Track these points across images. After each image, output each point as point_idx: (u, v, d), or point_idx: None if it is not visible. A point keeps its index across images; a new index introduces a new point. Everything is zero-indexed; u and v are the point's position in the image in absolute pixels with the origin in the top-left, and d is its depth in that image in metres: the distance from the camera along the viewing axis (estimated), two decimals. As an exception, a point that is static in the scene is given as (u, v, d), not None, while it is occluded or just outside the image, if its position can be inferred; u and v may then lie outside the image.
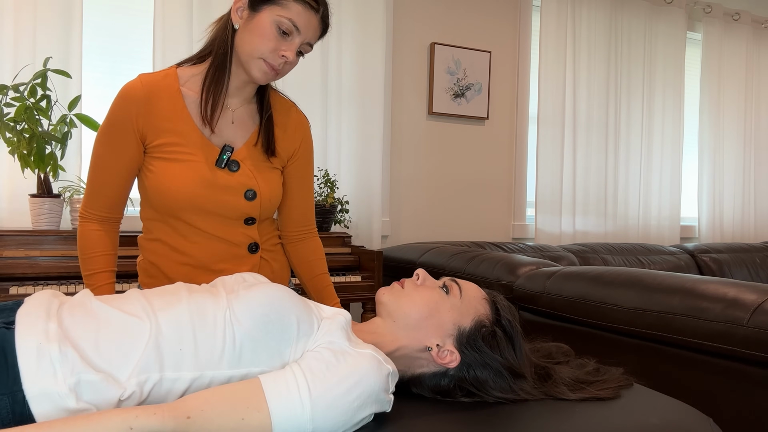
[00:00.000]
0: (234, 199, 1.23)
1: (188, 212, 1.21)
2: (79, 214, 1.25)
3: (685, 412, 0.98)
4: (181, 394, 0.79)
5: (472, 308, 1.01)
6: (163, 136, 1.20)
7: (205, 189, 1.20)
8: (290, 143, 1.33)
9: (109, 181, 1.22)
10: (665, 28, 3.62)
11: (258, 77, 1.19)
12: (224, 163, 1.21)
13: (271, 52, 1.15)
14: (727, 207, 3.86)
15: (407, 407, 0.93)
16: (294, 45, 1.16)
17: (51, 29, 2.17)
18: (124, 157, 1.20)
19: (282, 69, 1.19)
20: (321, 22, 1.19)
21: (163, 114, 1.20)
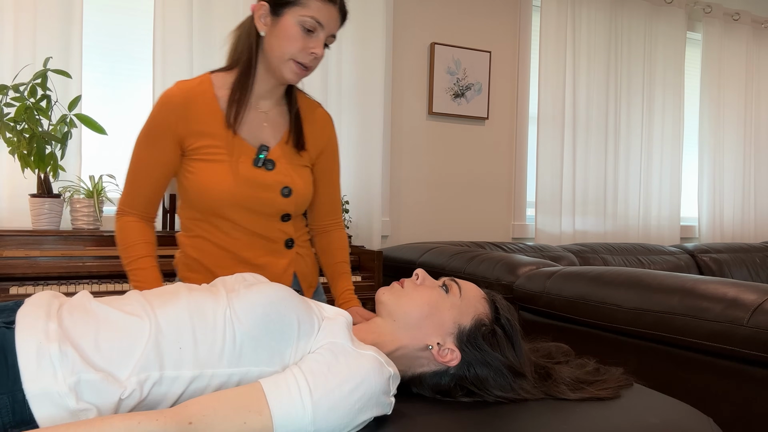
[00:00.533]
0: (271, 196, 1.28)
1: (229, 210, 1.26)
2: (117, 210, 1.30)
3: (685, 412, 0.98)
4: (181, 392, 0.79)
5: (472, 307, 1.01)
6: (202, 139, 1.25)
7: (244, 187, 1.25)
8: (318, 140, 1.38)
9: (148, 182, 1.28)
10: (665, 28, 3.62)
11: (290, 78, 1.24)
12: (261, 162, 1.27)
13: (300, 52, 1.21)
14: (727, 207, 3.86)
15: (407, 407, 0.93)
16: (320, 40, 1.22)
17: (51, 29, 2.17)
18: (163, 161, 1.26)
19: (314, 64, 1.25)
20: (340, 12, 1.24)
21: (201, 119, 1.25)
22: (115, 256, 1.89)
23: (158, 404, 0.78)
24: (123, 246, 1.28)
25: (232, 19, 2.45)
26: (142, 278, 1.25)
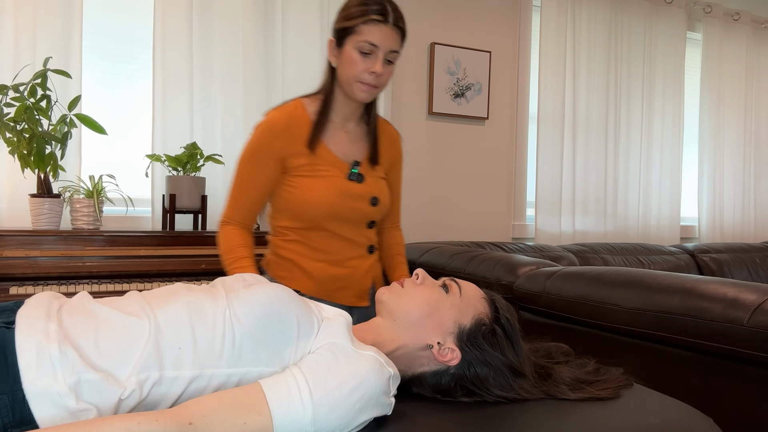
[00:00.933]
0: (362, 206, 1.46)
1: (326, 218, 1.42)
2: (221, 221, 1.46)
3: (685, 412, 0.98)
4: (180, 392, 0.79)
5: (472, 306, 1.01)
6: (302, 158, 1.42)
7: (340, 198, 1.42)
8: (391, 154, 1.59)
9: (251, 197, 1.43)
10: (665, 28, 3.62)
11: (361, 97, 1.40)
12: (354, 176, 1.44)
13: (362, 73, 1.35)
14: (727, 207, 3.86)
15: (407, 407, 0.93)
16: (378, 59, 1.35)
17: (51, 29, 2.17)
18: (267, 178, 1.43)
19: (378, 81, 1.38)
20: (394, 28, 1.35)
21: (301, 139, 1.42)
22: (115, 256, 1.89)
23: (158, 404, 0.78)
24: (226, 249, 1.42)
25: (232, 19, 2.45)
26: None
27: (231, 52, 2.45)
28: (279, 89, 2.56)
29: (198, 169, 2.23)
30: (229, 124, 2.46)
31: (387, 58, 1.36)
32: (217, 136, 2.44)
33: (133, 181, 2.33)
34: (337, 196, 1.41)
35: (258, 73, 2.50)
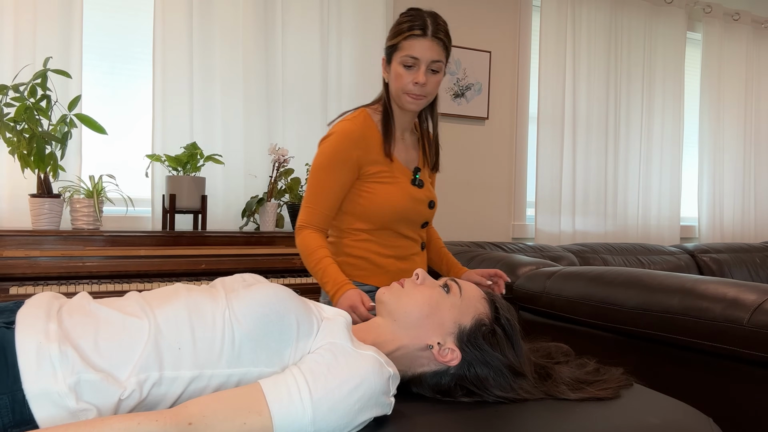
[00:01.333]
0: (423, 208, 1.58)
1: (396, 221, 1.54)
2: (297, 226, 1.53)
3: (685, 412, 0.98)
4: (180, 393, 0.79)
5: (472, 307, 1.01)
6: (376, 165, 1.52)
7: (410, 203, 1.54)
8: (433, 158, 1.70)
9: (328, 202, 1.51)
10: (665, 28, 3.62)
11: (410, 107, 1.49)
12: (417, 182, 1.57)
13: (407, 84, 1.44)
14: (727, 207, 3.86)
15: (407, 407, 0.93)
16: (420, 71, 1.43)
17: (51, 29, 2.17)
18: (343, 184, 1.51)
19: (423, 91, 1.45)
20: (434, 40, 1.42)
21: (374, 148, 1.52)
22: (115, 256, 1.89)
23: (157, 405, 0.78)
24: (307, 253, 1.48)
25: (232, 19, 2.45)
26: (328, 274, 1.43)
27: (231, 52, 2.45)
28: (279, 89, 2.56)
29: (198, 169, 2.23)
30: (229, 124, 2.46)
31: (430, 68, 1.44)
32: (217, 136, 2.44)
33: (133, 181, 2.33)
34: (407, 200, 1.54)
35: (258, 73, 2.50)
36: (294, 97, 2.62)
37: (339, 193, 1.52)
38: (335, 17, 2.71)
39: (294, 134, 2.61)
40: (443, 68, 1.47)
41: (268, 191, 2.35)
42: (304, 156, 2.58)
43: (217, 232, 2.10)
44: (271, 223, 2.33)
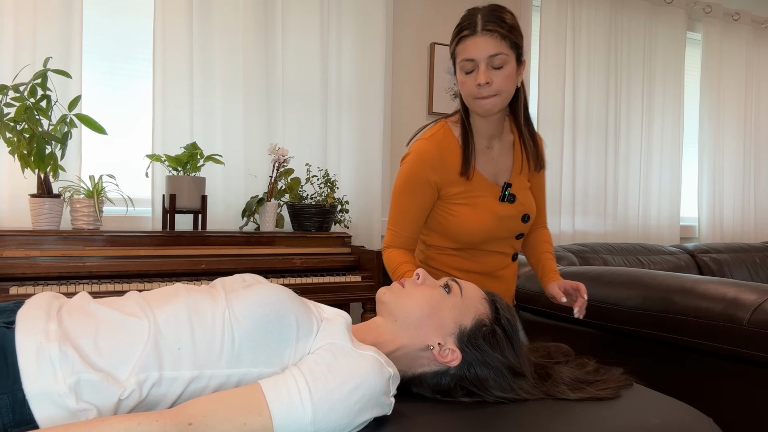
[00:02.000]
0: (514, 224, 1.48)
1: (482, 242, 1.47)
2: (383, 246, 1.54)
3: (685, 412, 0.98)
4: (180, 393, 0.79)
5: (473, 307, 1.01)
6: (457, 185, 1.44)
7: (496, 222, 1.45)
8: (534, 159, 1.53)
9: (409, 224, 1.48)
10: (665, 28, 3.62)
11: (482, 110, 1.37)
12: (506, 198, 1.46)
13: (472, 89, 1.35)
14: (727, 207, 3.86)
15: (407, 407, 0.93)
16: (480, 71, 1.32)
17: (51, 29, 2.17)
18: (423, 206, 1.46)
19: (490, 90, 1.33)
20: (485, 34, 1.30)
21: (454, 168, 1.43)
22: (115, 256, 1.89)
23: (157, 405, 0.78)
24: (392, 269, 1.49)
25: (232, 19, 2.45)
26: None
27: (231, 52, 2.45)
28: (279, 89, 2.56)
29: (198, 169, 2.23)
30: (229, 124, 2.46)
31: (491, 64, 1.31)
32: (217, 136, 2.44)
33: (133, 181, 2.33)
34: (493, 221, 1.45)
35: (258, 74, 2.50)
36: (294, 97, 2.62)
37: (420, 215, 1.48)
38: (335, 17, 2.70)
39: (294, 134, 2.61)
40: (511, 60, 1.32)
41: (268, 191, 2.35)
42: (304, 156, 2.58)
43: (217, 232, 2.10)
44: (271, 223, 2.33)
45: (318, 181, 2.48)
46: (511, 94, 1.37)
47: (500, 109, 1.38)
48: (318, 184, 2.45)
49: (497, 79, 1.31)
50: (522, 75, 1.38)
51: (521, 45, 1.34)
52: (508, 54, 1.30)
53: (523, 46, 1.35)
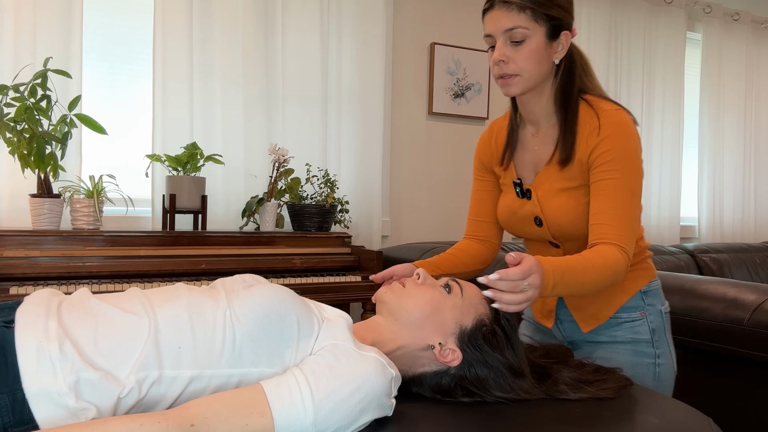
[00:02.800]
0: (529, 226, 1.30)
1: (516, 235, 1.37)
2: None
3: (685, 412, 0.98)
4: (179, 393, 0.79)
5: (473, 307, 1.02)
6: (500, 170, 1.36)
7: (511, 217, 1.33)
8: (586, 150, 1.20)
9: (473, 208, 1.43)
10: (665, 28, 3.62)
11: (505, 92, 1.22)
12: (521, 194, 1.29)
13: (493, 67, 1.20)
14: (727, 207, 3.86)
15: (408, 407, 0.93)
16: (499, 46, 1.17)
17: (51, 29, 2.16)
18: (479, 188, 1.41)
19: (508, 69, 1.17)
20: (502, 6, 1.16)
21: (500, 152, 1.35)
22: (115, 256, 1.89)
23: (156, 404, 0.78)
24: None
25: (232, 18, 2.45)
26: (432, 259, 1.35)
27: (231, 52, 2.45)
28: (279, 89, 2.56)
29: (198, 169, 2.23)
30: (229, 124, 2.46)
31: (510, 39, 1.15)
32: (217, 136, 2.44)
33: (134, 181, 2.33)
34: (507, 214, 1.33)
35: (258, 73, 2.50)
36: (294, 97, 2.62)
37: (477, 197, 1.40)
38: (335, 17, 2.70)
39: (294, 134, 2.61)
40: (536, 34, 1.14)
41: (268, 191, 2.35)
42: (304, 156, 2.58)
43: (217, 232, 2.10)
44: (271, 223, 2.33)
45: (318, 181, 2.48)
46: (540, 73, 1.17)
47: (525, 90, 1.19)
48: (318, 184, 2.45)
49: (517, 56, 1.15)
50: (562, 49, 1.18)
51: (556, 15, 1.15)
52: (530, 27, 1.13)
53: (561, 16, 1.15)
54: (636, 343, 1.26)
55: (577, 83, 1.22)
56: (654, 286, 1.30)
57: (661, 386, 1.26)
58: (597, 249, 1.10)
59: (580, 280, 1.05)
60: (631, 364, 1.24)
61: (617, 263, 1.09)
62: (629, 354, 1.26)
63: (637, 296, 1.27)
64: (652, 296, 1.29)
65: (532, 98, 1.23)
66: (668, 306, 1.34)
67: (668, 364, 1.28)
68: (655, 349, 1.26)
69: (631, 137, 1.20)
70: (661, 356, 1.27)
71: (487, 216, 1.41)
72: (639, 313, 1.27)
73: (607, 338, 1.28)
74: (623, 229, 1.12)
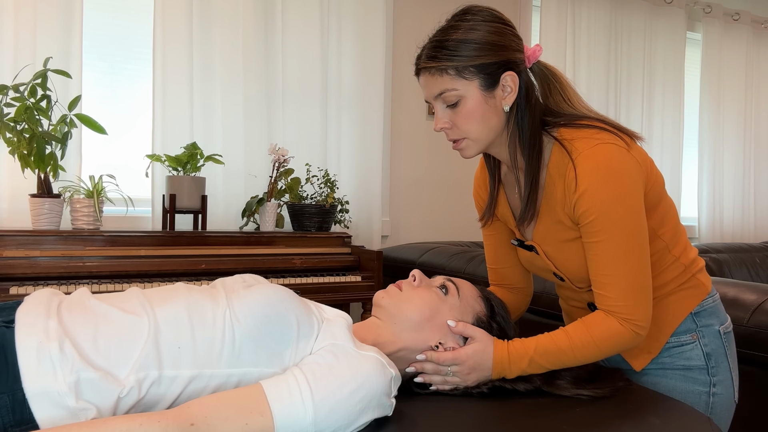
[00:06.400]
0: (553, 278, 1.16)
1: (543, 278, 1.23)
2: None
3: (685, 412, 0.98)
4: (179, 393, 0.79)
5: (470, 307, 1.03)
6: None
7: (532, 267, 1.20)
8: (569, 206, 1.03)
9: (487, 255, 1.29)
10: (665, 28, 3.62)
11: (464, 156, 1.10)
12: (525, 247, 1.16)
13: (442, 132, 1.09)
14: (727, 207, 3.86)
15: (408, 407, 0.93)
16: (437, 113, 1.06)
17: (51, 29, 2.17)
18: (493, 234, 1.26)
19: (453, 134, 1.06)
20: (424, 71, 1.05)
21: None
22: (115, 256, 1.89)
23: (156, 404, 0.78)
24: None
25: (232, 19, 2.46)
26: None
27: (231, 52, 2.45)
28: (279, 89, 2.56)
29: (198, 169, 2.23)
30: (229, 124, 2.46)
31: (444, 103, 1.03)
32: (217, 136, 2.44)
33: (134, 181, 2.33)
34: (528, 265, 1.20)
35: (258, 73, 2.50)
36: (294, 97, 2.62)
37: (493, 243, 1.25)
38: (335, 17, 2.71)
39: (294, 134, 2.61)
40: (468, 92, 1.00)
41: (268, 191, 2.35)
42: (304, 156, 2.58)
43: (217, 232, 2.11)
44: (271, 223, 2.33)
45: (318, 181, 2.48)
46: (489, 129, 1.03)
47: (481, 149, 1.07)
48: (318, 184, 2.46)
49: (457, 119, 1.03)
50: (511, 92, 1.02)
51: (487, 62, 0.99)
52: (458, 87, 1.00)
53: (494, 60, 0.99)
54: (688, 370, 1.10)
55: (533, 122, 1.04)
56: (708, 304, 1.12)
57: (714, 419, 1.08)
58: (592, 321, 1.00)
59: (559, 360, 0.98)
60: (681, 391, 1.09)
61: (614, 336, 0.99)
62: (680, 380, 1.10)
63: (688, 319, 1.10)
64: (706, 316, 1.11)
65: (494, 150, 1.10)
66: (730, 323, 1.15)
67: (726, 395, 1.10)
68: (711, 376, 1.09)
69: (616, 183, 0.97)
70: (718, 384, 1.09)
71: (504, 261, 1.25)
72: (690, 335, 1.10)
73: (654, 366, 1.13)
74: (621, 297, 0.98)
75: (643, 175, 1.02)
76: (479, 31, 1.00)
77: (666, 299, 1.10)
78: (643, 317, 0.99)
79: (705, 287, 1.12)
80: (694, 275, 1.11)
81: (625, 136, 1.02)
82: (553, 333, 1.00)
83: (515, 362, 0.97)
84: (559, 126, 1.04)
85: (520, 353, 0.98)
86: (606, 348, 0.99)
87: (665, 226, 1.10)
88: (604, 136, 1.00)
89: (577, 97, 1.09)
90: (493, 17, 1.02)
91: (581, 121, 1.04)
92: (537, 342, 0.99)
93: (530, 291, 1.30)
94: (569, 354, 0.99)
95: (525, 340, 0.99)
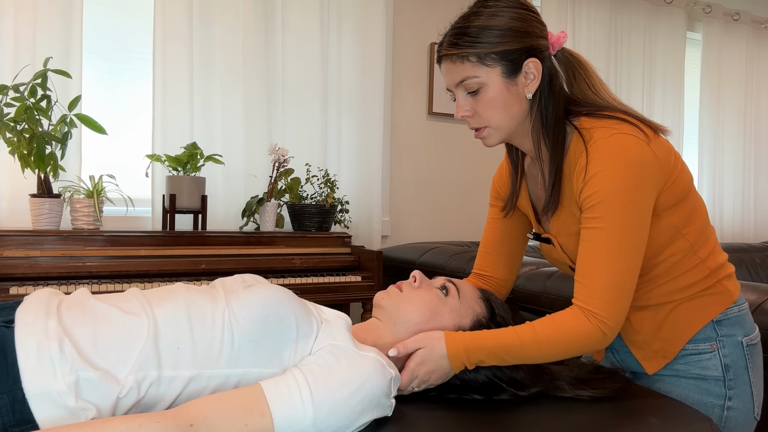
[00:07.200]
0: (568, 270, 1.13)
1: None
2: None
3: (685, 412, 0.98)
4: (178, 393, 0.79)
5: (470, 308, 1.03)
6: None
7: (552, 260, 1.17)
8: (577, 193, 1.01)
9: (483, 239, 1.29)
10: (665, 28, 3.62)
11: (484, 144, 1.09)
12: (541, 239, 1.13)
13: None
14: (727, 207, 3.86)
15: (407, 407, 0.93)
16: (458, 100, 1.04)
17: (51, 29, 2.17)
18: (497, 218, 1.25)
19: (474, 122, 1.04)
20: (445, 59, 1.02)
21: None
22: (115, 256, 1.89)
23: (155, 404, 0.78)
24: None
25: (232, 18, 2.45)
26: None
27: (231, 52, 2.45)
28: (279, 89, 2.56)
29: (198, 169, 2.23)
30: (229, 124, 2.46)
31: (466, 91, 1.02)
32: (217, 136, 2.44)
33: (133, 181, 2.33)
34: (547, 257, 1.17)
35: (258, 73, 2.50)
36: (294, 97, 2.62)
37: (492, 227, 1.25)
38: (335, 17, 2.71)
39: (294, 134, 2.61)
40: (490, 79, 0.99)
41: (268, 191, 2.35)
42: (304, 156, 2.58)
43: (217, 232, 2.11)
44: (271, 223, 2.33)
45: (318, 181, 2.48)
46: (512, 117, 1.02)
47: (503, 138, 1.06)
48: (318, 184, 2.46)
49: (478, 107, 1.02)
50: (533, 79, 1.00)
51: (509, 49, 0.98)
52: (480, 74, 0.99)
53: (517, 47, 0.98)
54: (703, 380, 1.05)
55: (557, 110, 1.02)
56: (732, 313, 1.06)
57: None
58: (561, 317, 0.98)
59: (520, 354, 0.95)
60: (693, 402, 1.05)
61: (581, 334, 0.95)
62: (693, 390, 1.06)
63: (708, 326, 1.05)
64: (729, 325, 1.05)
65: (517, 139, 1.08)
66: (758, 335, 1.09)
67: (743, 409, 1.04)
68: (727, 389, 1.04)
69: (626, 174, 0.93)
70: (734, 398, 1.04)
71: (493, 248, 1.24)
72: (709, 344, 1.05)
73: (668, 372, 1.09)
74: (599, 291, 0.95)
75: (662, 171, 0.97)
76: (502, 17, 0.99)
77: (685, 303, 1.04)
78: (614, 318, 0.94)
79: (731, 295, 1.06)
80: (719, 281, 1.06)
81: (648, 128, 0.98)
82: (519, 326, 0.98)
83: (473, 353, 0.95)
84: (581, 115, 1.02)
85: (478, 345, 0.95)
86: (570, 344, 0.95)
87: (691, 225, 1.03)
88: (623, 127, 0.97)
89: (603, 85, 1.06)
90: (516, 3, 1.00)
91: (603, 111, 1.01)
92: (498, 334, 0.96)
93: (507, 284, 1.27)
94: (532, 348, 0.95)
95: (486, 331, 0.97)
